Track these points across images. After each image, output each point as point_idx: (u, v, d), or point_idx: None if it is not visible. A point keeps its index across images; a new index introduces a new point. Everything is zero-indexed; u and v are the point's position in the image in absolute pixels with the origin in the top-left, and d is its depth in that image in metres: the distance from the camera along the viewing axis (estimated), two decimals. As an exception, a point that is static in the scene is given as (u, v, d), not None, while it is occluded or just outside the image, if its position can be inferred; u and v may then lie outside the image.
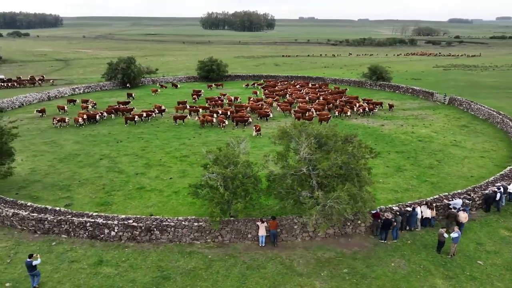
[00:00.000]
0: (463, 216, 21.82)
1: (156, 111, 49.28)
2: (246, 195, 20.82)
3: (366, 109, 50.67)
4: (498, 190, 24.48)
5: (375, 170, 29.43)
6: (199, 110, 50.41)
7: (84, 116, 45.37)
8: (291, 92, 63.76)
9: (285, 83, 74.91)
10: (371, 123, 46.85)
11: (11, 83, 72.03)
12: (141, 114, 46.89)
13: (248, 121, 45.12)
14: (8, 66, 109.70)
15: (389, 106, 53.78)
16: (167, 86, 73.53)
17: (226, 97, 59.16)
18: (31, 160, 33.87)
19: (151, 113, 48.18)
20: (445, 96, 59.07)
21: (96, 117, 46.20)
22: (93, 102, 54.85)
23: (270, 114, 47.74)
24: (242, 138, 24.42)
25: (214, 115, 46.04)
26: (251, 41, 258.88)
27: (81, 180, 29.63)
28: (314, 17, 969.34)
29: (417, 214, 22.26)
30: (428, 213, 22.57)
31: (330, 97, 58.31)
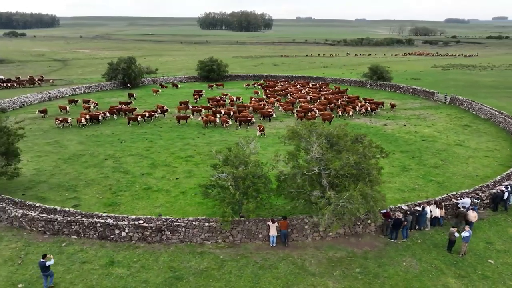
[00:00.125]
0: (473, 215, 21.91)
1: (159, 111, 49.16)
2: (257, 195, 20.82)
3: (368, 109, 50.77)
4: (506, 189, 24.60)
5: (381, 170, 29.50)
6: (202, 110, 50.35)
7: (87, 117, 45.21)
8: (292, 92, 63.78)
9: (286, 83, 74.92)
10: (374, 123, 46.95)
11: (11, 83, 71.65)
12: (144, 114, 46.78)
13: (252, 121, 45.10)
14: (6, 66, 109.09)
15: (391, 106, 53.91)
16: (167, 86, 73.40)
17: (228, 97, 59.10)
18: (36, 161, 33.72)
19: (154, 113, 48.07)
20: (446, 96, 59.29)
21: (99, 118, 46.04)
22: (95, 102, 54.65)
23: (273, 114, 47.76)
24: (251, 138, 24.38)
25: (217, 115, 46.00)
26: (249, 41, 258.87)
27: (87, 181, 29.53)
28: (312, 17, 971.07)
29: (427, 214, 22.32)
30: (437, 213, 22.64)
31: (332, 97, 58.39)
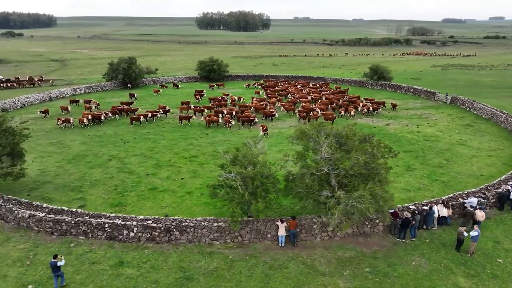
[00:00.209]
0: (480, 215, 21.99)
1: (161, 111, 49.09)
2: (266, 195, 20.81)
3: (370, 109, 50.86)
4: (512, 189, 24.70)
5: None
6: (204, 110, 50.31)
7: (89, 117, 45.08)
8: (293, 92, 63.79)
9: (286, 83, 74.91)
10: (376, 123, 47.04)
11: (11, 84, 71.38)
12: (146, 115, 46.68)
13: (254, 121, 45.10)
14: (4, 67, 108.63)
15: (393, 106, 54.03)
16: (168, 86, 73.32)
17: (230, 97, 59.07)
18: (39, 161, 33.61)
19: (156, 114, 47.98)
20: (447, 96, 59.46)
21: (101, 118, 45.92)
22: (96, 103, 54.52)
23: (276, 114, 47.77)
24: (259, 138, 24.37)
25: (220, 115, 45.97)
26: (247, 41, 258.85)
27: (92, 181, 29.44)
28: (309, 17, 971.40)
29: (434, 213, 22.39)
30: (445, 212, 22.71)
31: (333, 97, 58.48)
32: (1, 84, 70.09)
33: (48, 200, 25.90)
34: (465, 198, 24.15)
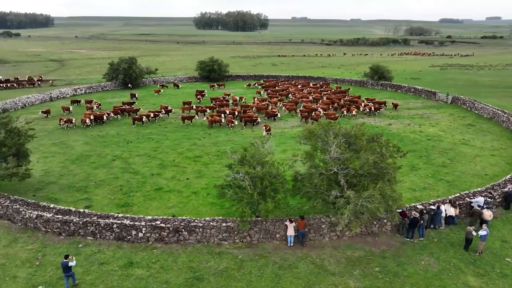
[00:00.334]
0: (488, 214, 22.07)
1: (163, 112, 49.01)
2: (275, 195, 20.81)
3: (372, 109, 50.95)
4: (518, 188, 24.80)
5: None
6: (207, 110, 50.26)
7: (91, 117, 44.95)
8: (294, 92, 63.79)
9: (286, 83, 74.89)
10: (378, 123, 47.12)
11: (10, 84, 71.08)
12: (149, 115, 46.60)
13: (257, 121, 45.09)
14: (2, 67, 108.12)
15: (394, 106, 54.14)
16: (168, 86, 73.24)
17: (231, 97, 59.02)
18: (43, 162, 33.48)
19: (158, 114, 47.91)
20: (448, 95, 59.63)
21: (103, 118, 45.79)
22: (98, 103, 54.37)
23: (278, 114, 47.79)
24: (266, 138, 24.37)
25: (222, 115, 45.93)
26: (245, 41, 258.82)
27: (97, 182, 29.36)
28: (307, 17, 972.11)
29: (442, 213, 22.46)
30: (452, 211, 22.78)
31: (334, 97, 58.54)
32: (1, 85, 69.75)
33: (54, 201, 25.79)
34: (472, 198, 24.23)
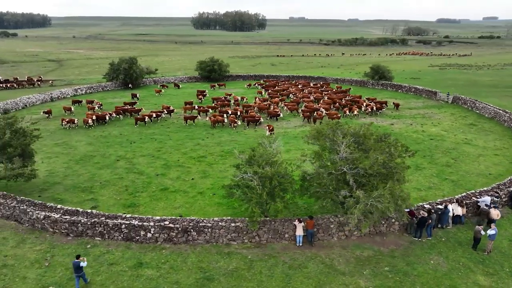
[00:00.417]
0: (495, 213, 22.15)
1: (165, 112, 48.93)
2: (283, 195, 20.82)
3: (374, 108, 51.04)
4: (524, 187, 24.89)
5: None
6: (209, 110, 50.22)
7: (93, 117, 44.82)
8: (294, 92, 63.79)
9: (286, 83, 74.85)
10: (380, 122, 47.20)
11: (10, 84, 70.79)
12: (151, 115, 46.52)
13: (259, 121, 45.09)
14: (0, 67, 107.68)
15: (396, 106, 54.25)
16: (169, 86, 73.15)
17: (232, 97, 58.99)
18: (47, 162, 33.37)
19: (161, 114, 47.84)
20: (449, 95, 59.80)
21: (106, 118, 45.68)
22: (99, 103, 54.22)
23: (280, 114, 47.79)
24: (274, 138, 24.37)
25: (225, 115, 45.90)
26: (243, 41, 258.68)
27: (102, 182, 29.30)
28: (304, 17, 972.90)
29: (449, 212, 22.52)
30: (459, 211, 22.84)
31: (335, 97, 58.62)
32: (0, 85, 69.42)
33: (60, 201, 25.69)
34: (478, 197, 24.31)
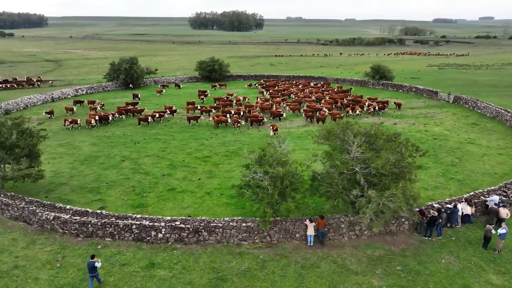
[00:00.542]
0: (504, 212, 22.23)
1: (168, 112, 48.84)
2: (294, 195, 20.82)
3: (376, 108, 51.15)
4: (531, 186, 25.01)
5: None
6: (212, 111, 50.15)
7: (96, 117, 44.66)
8: (296, 92, 63.79)
9: (287, 83, 74.80)
10: (383, 122, 47.24)
11: (10, 85, 70.40)
12: (154, 115, 46.41)
13: (263, 121, 45.08)
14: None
15: (398, 105, 54.40)
16: (169, 86, 73.02)
17: (234, 97, 58.95)
18: (52, 163, 33.25)
19: (163, 114, 47.74)
20: (449, 95, 60.00)
21: (109, 118, 45.52)
22: (101, 103, 54.03)
23: (284, 114, 47.79)
24: (283, 138, 24.37)
25: (228, 115, 45.86)
26: (241, 41, 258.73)
27: (109, 182, 29.21)
28: (302, 17, 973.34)
29: (458, 211, 22.59)
30: (468, 210, 22.92)
31: (336, 96, 58.71)
32: (1, 85, 68.98)
33: (67, 202, 25.58)
34: (487, 196, 24.41)
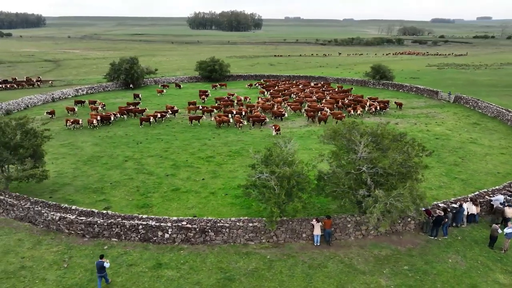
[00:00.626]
0: (510, 212, 22.30)
1: (169, 112, 48.78)
2: (301, 195, 20.82)
3: (378, 108, 51.22)
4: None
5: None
6: (213, 111, 50.12)
7: (98, 118, 44.57)
8: (296, 92, 63.80)
9: (287, 83, 74.78)
10: (389, 122, 47.20)
11: (10, 85, 70.16)
12: (156, 115, 46.35)
13: (265, 121, 45.09)
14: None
15: (399, 105, 54.50)
16: (169, 86, 72.96)
17: (235, 97, 58.92)
18: (55, 163, 33.17)
19: (165, 114, 47.69)
20: (450, 95, 60.12)
21: (111, 118, 45.44)
22: (102, 104, 53.92)
23: (285, 114, 47.81)
24: (289, 138, 24.38)
25: (230, 115, 45.85)
26: (240, 41, 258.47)
27: (113, 183, 29.16)
28: (300, 17, 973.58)
29: (464, 211, 22.65)
30: (473, 209, 22.98)
31: (337, 96, 58.76)
32: (1, 86, 68.74)
33: (72, 202, 25.52)
34: (491, 196, 24.48)
